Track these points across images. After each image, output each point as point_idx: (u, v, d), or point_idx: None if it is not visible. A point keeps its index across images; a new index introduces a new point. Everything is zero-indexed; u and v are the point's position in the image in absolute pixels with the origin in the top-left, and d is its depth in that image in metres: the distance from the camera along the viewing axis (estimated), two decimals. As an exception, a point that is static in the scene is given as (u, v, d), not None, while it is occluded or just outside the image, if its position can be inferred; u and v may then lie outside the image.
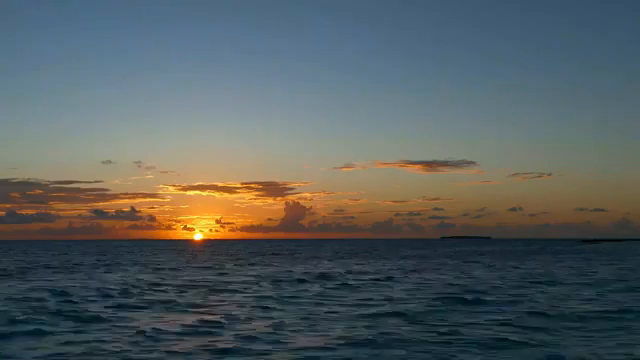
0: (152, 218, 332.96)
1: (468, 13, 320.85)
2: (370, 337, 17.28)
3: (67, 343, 16.97)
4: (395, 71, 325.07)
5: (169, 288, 33.10)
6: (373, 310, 23.30)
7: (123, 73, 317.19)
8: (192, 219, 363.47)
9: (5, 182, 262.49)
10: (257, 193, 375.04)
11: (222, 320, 20.85)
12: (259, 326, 19.62)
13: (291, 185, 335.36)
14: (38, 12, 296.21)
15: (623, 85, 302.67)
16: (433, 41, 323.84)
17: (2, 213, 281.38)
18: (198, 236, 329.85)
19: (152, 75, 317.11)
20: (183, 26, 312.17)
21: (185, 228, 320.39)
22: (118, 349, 16.13)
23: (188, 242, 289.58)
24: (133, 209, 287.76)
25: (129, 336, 17.90)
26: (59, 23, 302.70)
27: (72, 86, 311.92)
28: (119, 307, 24.49)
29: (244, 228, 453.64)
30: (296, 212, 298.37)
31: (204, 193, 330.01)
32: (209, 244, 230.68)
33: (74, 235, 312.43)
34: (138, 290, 31.80)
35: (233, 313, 22.59)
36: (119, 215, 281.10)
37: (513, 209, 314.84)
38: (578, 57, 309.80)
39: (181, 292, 30.73)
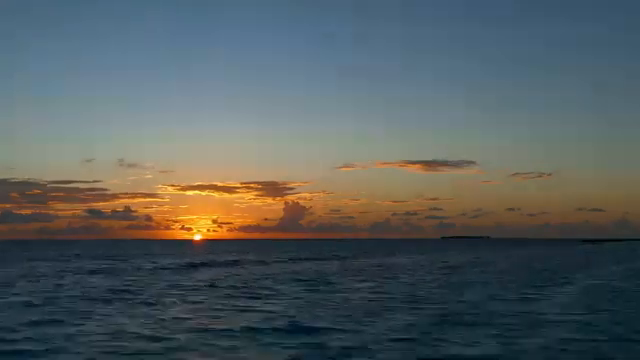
0: (149, 218, 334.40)
1: (468, 13, 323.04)
2: None
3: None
4: (395, 71, 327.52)
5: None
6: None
7: (123, 73, 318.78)
8: (192, 219, 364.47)
9: (4, 182, 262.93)
10: (256, 193, 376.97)
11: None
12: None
13: (291, 185, 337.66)
14: (37, 12, 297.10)
15: (623, 85, 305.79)
16: (433, 41, 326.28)
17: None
18: (197, 236, 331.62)
19: (152, 75, 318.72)
20: (183, 26, 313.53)
21: (183, 228, 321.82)
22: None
23: (192, 242, 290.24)
24: (129, 209, 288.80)
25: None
26: (58, 21, 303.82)
27: (71, 86, 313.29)
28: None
29: (242, 228, 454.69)
30: (295, 212, 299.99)
31: (203, 193, 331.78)
32: (211, 244, 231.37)
33: (73, 235, 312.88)
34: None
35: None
36: (118, 215, 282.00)
37: (511, 209, 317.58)
38: (578, 57, 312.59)
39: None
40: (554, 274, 45.01)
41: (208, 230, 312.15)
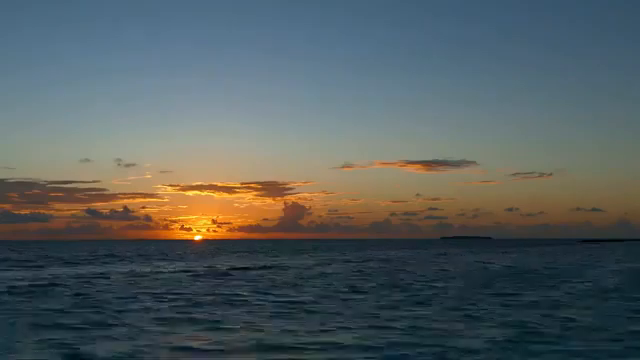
0: (149, 218, 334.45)
1: (469, 14, 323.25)
2: None
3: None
4: (395, 71, 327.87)
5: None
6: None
7: (124, 72, 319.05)
8: (191, 219, 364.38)
9: (3, 182, 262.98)
10: (256, 193, 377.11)
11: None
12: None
13: (290, 185, 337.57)
14: (37, 12, 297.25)
15: (623, 85, 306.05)
16: (434, 41, 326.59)
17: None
18: (197, 237, 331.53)
19: (151, 75, 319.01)
20: (183, 26, 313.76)
21: (182, 228, 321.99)
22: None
23: (193, 242, 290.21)
24: (129, 209, 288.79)
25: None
26: (56, 21, 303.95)
27: (71, 86, 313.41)
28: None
29: (242, 228, 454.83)
30: (295, 212, 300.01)
31: (203, 193, 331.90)
32: (213, 244, 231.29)
33: (72, 235, 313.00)
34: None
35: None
36: (117, 215, 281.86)
37: (511, 209, 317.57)
38: (578, 57, 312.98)
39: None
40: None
41: (208, 230, 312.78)
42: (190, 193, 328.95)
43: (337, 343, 16.84)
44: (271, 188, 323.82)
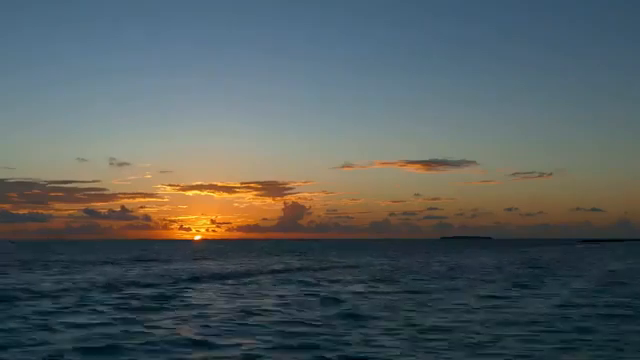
0: (148, 218, 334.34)
1: (469, 14, 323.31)
2: None
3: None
4: (395, 71, 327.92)
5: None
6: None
7: (124, 72, 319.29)
8: (191, 219, 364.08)
9: (3, 182, 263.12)
10: (256, 193, 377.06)
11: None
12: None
13: (290, 185, 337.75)
14: (37, 12, 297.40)
15: (623, 85, 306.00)
16: (434, 41, 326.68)
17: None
18: (197, 237, 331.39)
19: (151, 75, 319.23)
20: (183, 26, 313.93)
21: (181, 228, 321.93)
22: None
23: (192, 242, 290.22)
24: (128, 209, 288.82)
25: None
26: (56, 21, 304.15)
27: (71, 86, 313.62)
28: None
29: (241, 228, 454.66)
30: (295, 212, 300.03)
31: (203, 193, 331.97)
32: (213, 244, 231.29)
33: (72, 235, 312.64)
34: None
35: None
36: (117, 215, 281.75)
37: (510, 209, 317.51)
38: (578, 57, 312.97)
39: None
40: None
41: (207, 230, 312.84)
42: (190, 193, 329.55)
43: None
44: (271, 188, 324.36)
